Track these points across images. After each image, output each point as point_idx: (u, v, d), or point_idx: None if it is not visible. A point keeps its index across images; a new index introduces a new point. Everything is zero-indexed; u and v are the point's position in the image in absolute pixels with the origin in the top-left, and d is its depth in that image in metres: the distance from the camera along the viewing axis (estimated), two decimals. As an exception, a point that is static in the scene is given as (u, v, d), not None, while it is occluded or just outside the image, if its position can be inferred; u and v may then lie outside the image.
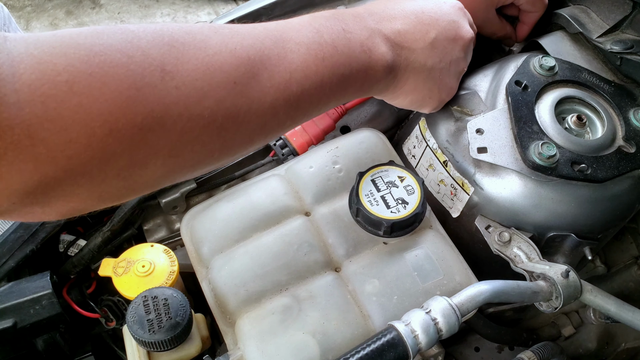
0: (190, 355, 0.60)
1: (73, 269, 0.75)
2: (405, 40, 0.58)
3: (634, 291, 0.77)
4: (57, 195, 0.40)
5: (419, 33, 0.59)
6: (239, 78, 0.45)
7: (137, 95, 0.39)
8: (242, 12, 0.83)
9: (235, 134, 0.47)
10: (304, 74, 0.50)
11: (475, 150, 0.63)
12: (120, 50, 0.40)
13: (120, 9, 2.89)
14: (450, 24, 0.62)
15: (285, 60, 0.49)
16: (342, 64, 0.53)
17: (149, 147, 0.41)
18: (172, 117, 0.41)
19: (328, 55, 0.51)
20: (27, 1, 2.89)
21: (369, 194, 0.62)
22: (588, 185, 0.62)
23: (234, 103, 0.45)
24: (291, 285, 0.60)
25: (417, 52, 0.59)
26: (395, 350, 0.50)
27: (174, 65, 0.42)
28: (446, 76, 0.64)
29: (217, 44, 0.45)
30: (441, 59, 0.62)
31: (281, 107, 0.49)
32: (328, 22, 0.53)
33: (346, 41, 0.53)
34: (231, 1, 2.89)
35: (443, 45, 0.61)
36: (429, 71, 0.61)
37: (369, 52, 0.55)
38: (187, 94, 0.42)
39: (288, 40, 0.50)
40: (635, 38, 0.70)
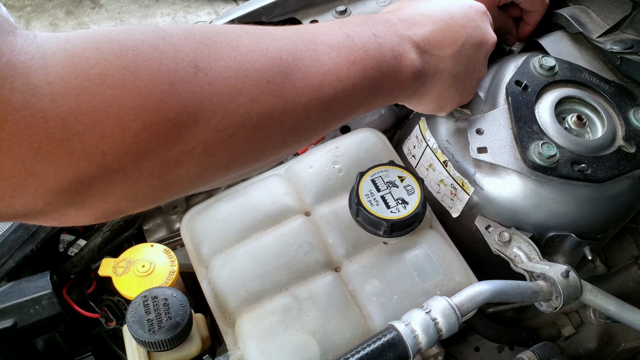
0: (190, 355, 0.60)
1: (73, 269, 0.75)
2: (434, 47, 0.59)
3: (634, 291, 0.77)
4: (92, 195, 0.39)
5: (448, 40, 0.59)
6: (272, 77, 0.45)
7: (170, 89, 0.39)
8: (242, 12, 0.83)
9: (269, 134, 0.47)
10: (336, 76, 0.49)
11: (475, 150, 0.63)
12: (152, 45, 0.40)
13: (120, 9, 2.89)
14: (476, 30, 0.62)
15: (318, 61, 0.49)
16: (372, 68, 0.53)
17: (183, 143, 0.41)
18: (205, 113, 0.41)
19: (359, 59, 0.51)
20: (27, 1, 2.89)
21: (369, 194, 0.62)
22: (588, 185, 0.62)
23: (268, 102, 0.45)
24: (291, 285, 0.60)
25: (444, 59, 0.59)
26: (395, 350, 0.50)
27: (206, 62, 0.42)
28: (468, 82, 0.64)
29: (249, 44, 0.45)
30: (466, 65, 0.62)
31: (314, 108, 0.49)
32: (358, 27, 0.53)
33: (377, 46, 0.53)
34: (231, 1, 2.89)
35: (469, 52, 0.62)
36: (454, 78, 0.61)
37: (399, 57, 0.55)
38: (220, 91, 0.42)
39: (319, 42, 0.50)
40: (635, 38, 0.70)
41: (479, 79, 0.66)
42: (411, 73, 0.56)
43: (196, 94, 0.40)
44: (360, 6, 0.82)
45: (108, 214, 0.43)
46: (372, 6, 0.82)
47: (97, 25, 2.82)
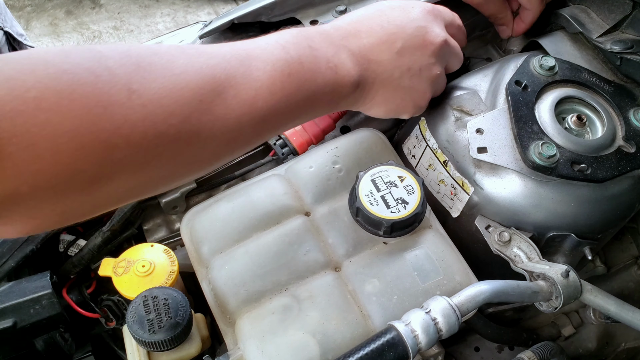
0: (190, 355, 0.60)
1: (73, 269, 0.75)
2: (372, 53, 0.59)
3: (634, 291, 0.77)
4: (21, 211, 0.41)
5: (385, 44, 0.60)
6: (204, 96, 0.46)
7: (103, 112, 0.40)
8: (242, 12, 0.82)
9: (201, 150, 0.48)
10: (269, 90, 0.50)
11: (475, 150, 0.63)
12: (88, 68, 0.41)
13: (120, 9, 2.89)
14: (418, 30, 0.62)
15: (251, 77, 0.50)
16: (308, 80, 0.53)
17: (115, 163, 0.42)
18: (138, 134, 0.42)
19: (294, 72, 0.52)
20: (27, 1, 2.89)
21: (369, 194, 0.62)
22: (588, 185, 0.62)
23: (200, 120, 0.46)
24: (291, 285, 0.60)
25: (384, 64, 0.60)
26: (395, 350, 0.50)
27: (140, 84, 0.43)
28: (417, 83, 0.63)
29: (183, 64, 0.46)
30: (409, 66, 0.62)
31: (247, 123, 0.50)
32: (294, 39, 0.54)
33: (312, 58, 0.54)
34: (231, 1, 2.89)
35: (410, 53, 0.61)
36: (398, 80, 0.61)
37: (335, 68, 0.56)
38: (153, 112, 0.43)
39: (254, 58, 0.51)
40: (635, 38, 0.70)
41: (432, 78, 0.64)
42: (348, 83, 0.57)
43: (129, 115, 0.42)
44: (360, 6, 0.82)
45: (35, 229, 0.44)
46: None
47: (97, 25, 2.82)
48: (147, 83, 0.43)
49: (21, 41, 1.49)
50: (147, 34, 2.77)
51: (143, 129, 0.43)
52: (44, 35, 2.77)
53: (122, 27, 2.80)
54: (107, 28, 2.81)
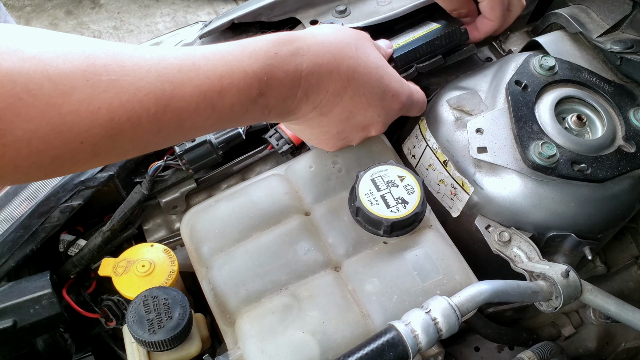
0: (190, 355, 0.60)
1: (73, 269, 0.75)
2: (323, 107, 0.58)
3: (634, 291, 0.77)
4: None
5: (340, 109, 0.59)
6: (89, 138, 0.41)
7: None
8: (242, 12, 0.82)
9: (66, 175, 0.47)
10: (175, 130, 0.47)
11: (475, 150, 0.63)
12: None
13: (120, 9, 2.89)
14: (374, 117, 0.63)
15: (161, 119, 0.44)
16: (228, 121, 0.51)
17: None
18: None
19: (216, 115, 0.48)
20: (26, 1, 2.89)
21: (368, 194, 0.62)
22: (588, 185, 0.62)
23: (73, 158, 0.42)
24: (291, 285, 0.60)
25: (324, 118, 0.60)
26: (395, 350, 0.50)
27: (10, 122, 0.37)
28: (332, 141, 0.66)
29: (78, 100, 0.40)
30: (340, 132, 0.64)
31: (133, 153, 0.47)
32: (243, 82, 0.48)
33: (250, 104, 0.50)
34: (231, 1, 2.89)
35: (352, 126, 0.63)
36: (321, 132, 0.64)
37: (268, 113, 0.53)
38: (16, 151, 0.39)
39: (178, 98, 0.45)
40: (635, 38, 0.70)
41: (347, 144, 0.67)
42: (272, 119, 0.56)
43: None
44: (360, 6, 0.82)
45: None
46: (372, 6, 0.82)
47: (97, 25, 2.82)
48: (18, 122, 0.38)
49: None
50: (147, 34, 2.77)
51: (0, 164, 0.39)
52: (44, 35, 2.76)
53: (122, 27, 2.80)
54: (107, 28, 2.81)
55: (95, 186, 0.73)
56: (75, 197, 0.72)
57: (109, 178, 0.73)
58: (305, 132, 0.65)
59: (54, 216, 0.71)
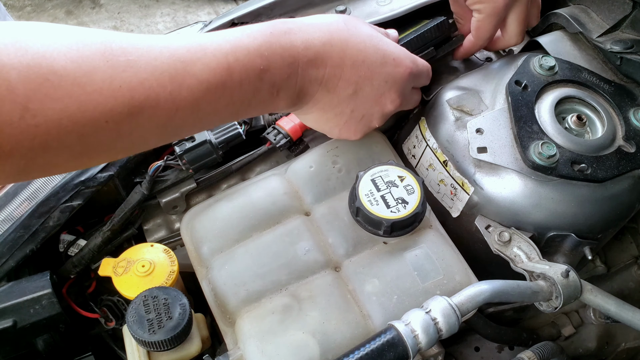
0: (190, 355, 0.60)
1: (73, 269, 0.75)
2: (327, 84, 0.58)
3: (634, 291, 0.77)
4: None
5: (345, 82, 0.58)
6: (112, 117, 0.43)
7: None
8: (242, 12, 0.82)
9: (92, 159, 0.47)
10: (192, 111, 0.48)
11: (475, 150, 0.63)
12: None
13: (120, 9, 2.89)
14: (382, 86, 0.61)
15: (177, 98, 0.47)
16: (240, 102, 0.51)
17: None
18: (23, 149, 0.40)
19: (228, 94, 0.50)
20: (27, 1, 2.89)
21: (368, 194, 0.62)
22: (588, 185, 0.62)
23: (99, 137, 0.44)
24: (291, 285, 0.60)
25: (332, 96, 0.59)
26: (395, 350, 0.50)
27: (40, 102, 0.40)
28: (352, 124, 0.64)
29: (101, 79, 0.42)
30: (353, 110, 0.62)
31: (154, 136, 0.48)
32: (247, 58, 0.51)
33: (257, 82, 0.52)
34: (231, 1, 2.89)
35: (362, 101, 0.61)
36: (336, 114, 0.62)
37: (277, 93, 0.54)
38: (46, 131, 0.40)
39: (190, 76, 0.47)
40: (635, 38, 0.70)
41: (368, 126, 0.66)
42: (285, 105, 0.56)
43: (17, 135, 0.39)
44: (361, 6, 0.82)
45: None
46: (372, 6, 0.82)
47: (97, 25, 2.82)
48: (48, 102, 0.40)
49: None
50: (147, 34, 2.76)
51: (30, 146, 0.40)
52: (44, 35, 2.76)
53: (122, 27, 2.80)
54: (107, 28, 2.81)
55: (95, 186, 0.73)
56: (75, 197, 0.72)
57: (109, 178, 0.73)
58: (322, 119, 0.64)
59: (54, 216, 0.71)
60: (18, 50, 0.39)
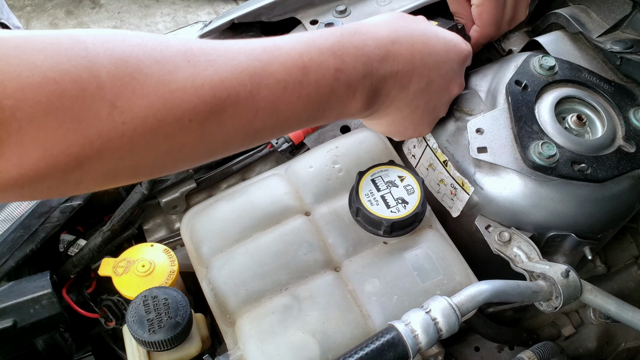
0: (190, 355, 0.60)
1: (73, 269, 0.75)
2: (400, 81, 0.58)
3: (634, 291, 0.77)
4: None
5: (417, 77, 0.59)
6: (196, 116, 0.44)
7: (77, 127, 0.39)
8: (242, 12, 0.82)
9: (177, 162, 0.47)
10: (271, 112, 0.48)
11: (475, 149, 0.63)
12: (75, 79, 0.39)
13: (120, 9, 2.89)
14: (449, 73, 0.62)
15: (257, 97, 0.47)
16: (318, 103, 0.52)
17: (83, 171, 0.41)
18: (111, 148, 0.41)
19: (305, 94, 0.50)
20: (27, 1, 2.89)
21: (369, 194, 0.62)
22: (588, 185, 0.62)
23: (184, 136, 0.44)
24: (291, 285, 0.60)
25: (405, 94, 0.59)
26: (395, 350, 0.50)
27: (127, 99, 0.41)
28: (426, 118, 0.64)
29: (184, 78, 0.43)
30: (427, 102, 0.62)
31: (237, 139, 0.49)
32: (321, 57, 0.51)
33: (333, 81, 0.52)
34: (231, 1, 2.89)
35: (434, 92, 0.61)
36: (411, 112, 0.62)
37: (353, 94, 0.54)
38: (133, 129, 0.41)
39: (268, 75, 0.48)
40: (635, 38, 0.70)
41: (437, 118, 0.67)
42: (361, 108, 0.56)
43: (106, 132, 0.40)
44: (360, 6, 0.82)
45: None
46: (372, 6, 0.82)
47: (97, 25, 2.82)
48: (135, 99, 0.41)
49: None
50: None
51: (118, 144, 0.41)
52: (44, 35, 2.76)
53: (122, 27, 2.80)
54: (107, 28, 2.81)
55: (95, 186, 0.73)
56: (75, 197, 0.72)
57: (109, 178, 0.73)
58: (397, 119, 0.63)
59: (54, 216, 0.71)
60: (106, 51, 0.41)
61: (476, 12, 0.71)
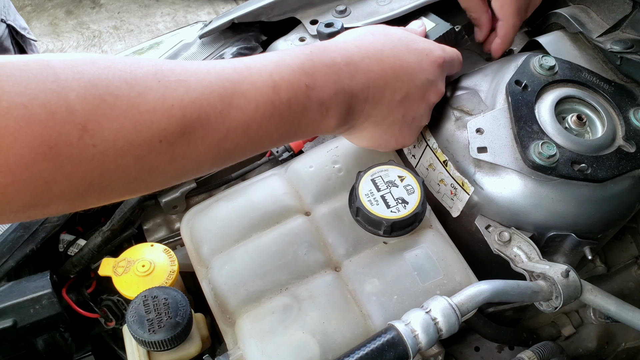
0: (190, 355, 0.60)
1: (73, 269, 0.75)
2: (373, 95, 0.57)
3: (634, 291, 0.77)
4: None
5: (390, 90, 0.58)
6: (166, 137, 0.44)
7: (47, 152, 0.39)
8: (242, 12, 0.82)
9: (148, 184, 0.47)
10: (243, 131, 0.48)
11: (475, 149, 0.63)
12: (44, 104, 0.39)
13: (120, 9, 2.89)
14: (425, 83, 0.61)
15: (227, 118, 0.47)
16: (290, 121, 0.51)
17: (52, 194, 0.41)
18: (82, 172, 0.41)
19: (277, 113, 0.50)
20: (27, 1, 2.89)
21: (369, 194, 0.62)
22: (588, 185, 0.62)
23: (154, 159, 0.44)
24: (291, 285, 0.60)
25: (380, 107, 0.59)
26: (395, 350, 0.50)
27: (97, 122, 0.41)
28: (406, 130, 0.64)
29: (154, 99, 0.43)
30: (405, 114, 0.62)
31: (208, 160, 0.48)
32: (292, 76, 0.51)
33: (304, 100, 0.52)
34: (231, 1, 2.89)
35: (411, 103, 0.61)
36: (389, 125, 0.62)
37: (327, 111, 0.54)
38: (103, 152, 0.41)
39: (239, 95, 0.48)
40: (635, 37, 0.70)
41: (420, 127, 0.66)
42: (336, 125, 0.56)
43: (77, 155, 0.40)
44: (360, 6, 0.82)
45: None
46: (372, 6, 0.82)
47: (97, 25, 2.82)
48: (105, 122, 0.41)
49: (24, 34, 1.48)
50: (147, 34, 2.77)
51: (89, 168, 0.41)
52: (44, 35, 2.77)
53: (122, 27, 2.81)
54: (107, 28, 2.81)
55: (95, 186, 0.73)
56: (75, 197, 0.72)
57: (109, 178, 0.73)
58: (377, 133, 0.63)
59: (54, 216, 0.71)
60: (75, 75, 0.41)
61: (497, 6, 0.71)
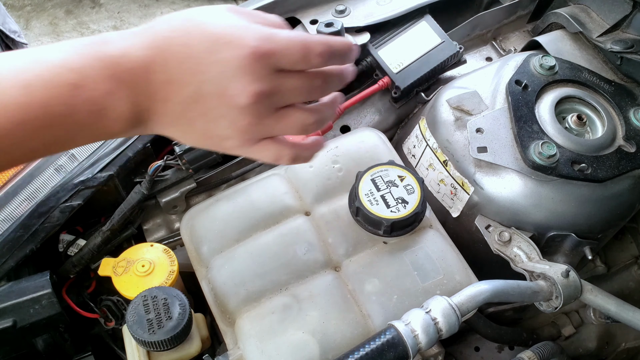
0: (190, 355, 0.60)
1: (73, 269, 0.75)
2: (159, 92, 0.49)
3: (634, 291, 0.77)
4: None
5: (177, 85, 0.49)
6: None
7: None
8: (242, 12, 0.82)
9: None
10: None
11: (475, 149, 0.63)
12: None
13: (120, 9, 2.89)
14: (221, 77, 0.49)
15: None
16: (52, 126, 0.45)
17: None
18: None
19: (31, 118, 0.44)
20: (26, 0, 2.89)
21: (368, 194, 0.62)
22: (588, 185, 0.62)
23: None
24: (291, 285, 0.60)
25: (171, 105, 0.50)
26: (395, 349, 0.50)
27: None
28: (218, 129, 0.51)
29: None
30: (204, 113, 0.50)
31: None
32: (50, 72, 0.45)
33: (69, 99, 0.45)
34: (231, 1, 2.89)
35: (207, 100, 0.50)
36: (189, 123, 0.51)
37: (100, 112, 0.47)
38: None
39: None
40: (635, 37, 0.70)
41: (242, 128, 0.51)
42: (122, 126, 0.49)
43: None
44: (360, 6, 0.82)
45: None
46: (372, 6, 0.82)
47: (97, 24, 2.82)
48: None
49: (14, 38, 1.47)
50: None
51: None
52: (44, 35, 2.77)
53: (122, 27, 2.80)
54: (107, 27, 2.81)
55: (95, 186, 0.73)
56: (75, 197, 0.72)
57: (109, 178, 0.73)
58: (181, 133, 0.53)
59: (54, 216, 0.71)
60: None
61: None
